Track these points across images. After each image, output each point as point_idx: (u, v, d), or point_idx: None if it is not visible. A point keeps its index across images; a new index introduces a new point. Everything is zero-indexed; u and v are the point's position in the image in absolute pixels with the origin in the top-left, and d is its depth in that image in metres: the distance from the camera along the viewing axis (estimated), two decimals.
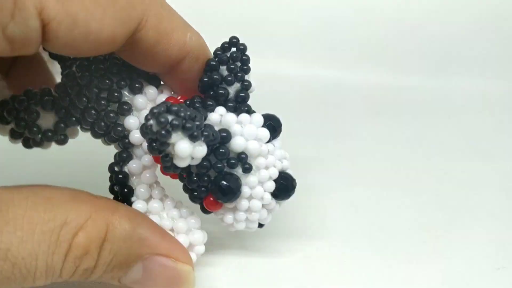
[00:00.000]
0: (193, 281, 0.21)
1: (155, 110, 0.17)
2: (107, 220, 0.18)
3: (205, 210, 0.21)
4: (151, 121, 0.17)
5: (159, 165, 0.22)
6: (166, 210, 0.22)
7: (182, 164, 0.18)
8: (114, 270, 0.19)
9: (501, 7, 0.56)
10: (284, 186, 0.21)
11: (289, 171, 0.22)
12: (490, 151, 0.38)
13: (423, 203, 0.30)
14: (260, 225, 0.22)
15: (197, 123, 0.18)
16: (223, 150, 0.19)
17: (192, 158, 0.18)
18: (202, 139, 0.18)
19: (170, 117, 0.17)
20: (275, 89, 0.26)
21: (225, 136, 0.20)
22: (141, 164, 0.22)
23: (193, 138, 0.18)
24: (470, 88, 0.52)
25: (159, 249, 0.19)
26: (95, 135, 0.22)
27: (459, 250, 0.25)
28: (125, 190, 0.21)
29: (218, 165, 0.20)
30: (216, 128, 0.20)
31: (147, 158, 0.22)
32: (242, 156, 0.20)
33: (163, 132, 0.17)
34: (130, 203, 0.21)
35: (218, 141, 0.19)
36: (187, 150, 0.18)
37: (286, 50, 0.53)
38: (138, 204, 0.21)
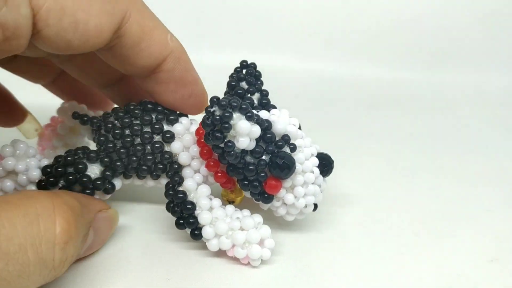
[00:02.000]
0: (118, 217, 0.24)
1: (214, 99, 0.20)
2: (66, 203, 0.19)
3: (265, 198, 0.23)
4: (214, 107, 0.20)
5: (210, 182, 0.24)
6: (229, 214, 0.23)
7: (244, 144, 0.21)
8: (82, 244, 0.20)
9: (497, 2, 0.56)
10: (326, 161, 0.24)
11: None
12: (484, 145, 0.39)
13: (416, 195, 0.30)
14: (315, 207, 0.24)
15: (249, 106, 0.21)
16: (270, 135, 0.22)
17: (249, 141, 0.21)
18: (256, 119, 0.21)
19: (228, 101, 0.20)
20: (270, 83, 0.27)
21: (268, 122, 0.22)
22: (194, 181, 0.23)
23: (249, 118, 0.21)
24: (465, 82, 0.52)
25: (97, 207, 0.22)
26: (142, 172, 0.24)
27: (452, 242, 0.25)
28: (188, 206, 0.22)
29: (269, 148, 0.22)
30: None
31: (198, 176, 0.24)
32: (286, 138, 0.23)
33: (226, 114, 0.20)
34: (194, 217, 0.22)
35: (265, 125, 0.22)
36: (247, 127, 0.20)
37: (282, 44, 0.53)
38: (204, 215, 0.22)
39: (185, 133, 0.24)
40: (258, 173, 0.22)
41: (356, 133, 0.39)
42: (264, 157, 0.22)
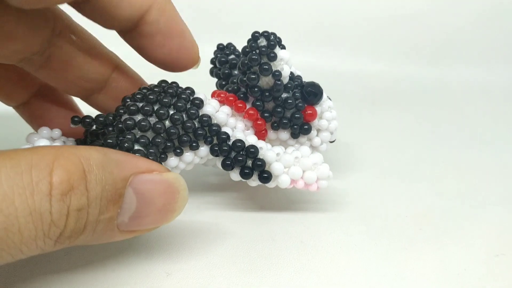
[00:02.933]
0: (186, 187, 0.19)
1: (256, 34, 0.22)
2: (75, 154, 0.16)
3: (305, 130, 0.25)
4: (260, 39, 0.22)
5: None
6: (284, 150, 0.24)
7: (288, 70, 0.23)
8: (109, 206, 0.17)
9: None
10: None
11: None
12: (488, 139, 0.39)
13: (420, 190, 0.30)
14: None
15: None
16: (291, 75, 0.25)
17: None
18: None
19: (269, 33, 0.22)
20: None
21: None
22: (242, 133, 0.23)
23: (284, 48, 0.23)
24: (468, 77, 0.53)
25: (139, 167, 0.18)
26: (183, 144, 0.22)
27: (456, 237, 0.25)
28: (252, 150, 0.22)
29: (295, 82, 0.24)
30: None
31: (239, 126, 0.24)
32: (299, 76, 0.25)
33: (271, 43, 0.22)
34: (260, 159, 0.22)
35: None
36: (288, 54, 0.23)
37: (284, 39, 0.47)
38: (270, 153, 0.23)
39: (208, 98, 0.24)
40: (297, 104, 0.24)
41: (358, 128, 0.39)
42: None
